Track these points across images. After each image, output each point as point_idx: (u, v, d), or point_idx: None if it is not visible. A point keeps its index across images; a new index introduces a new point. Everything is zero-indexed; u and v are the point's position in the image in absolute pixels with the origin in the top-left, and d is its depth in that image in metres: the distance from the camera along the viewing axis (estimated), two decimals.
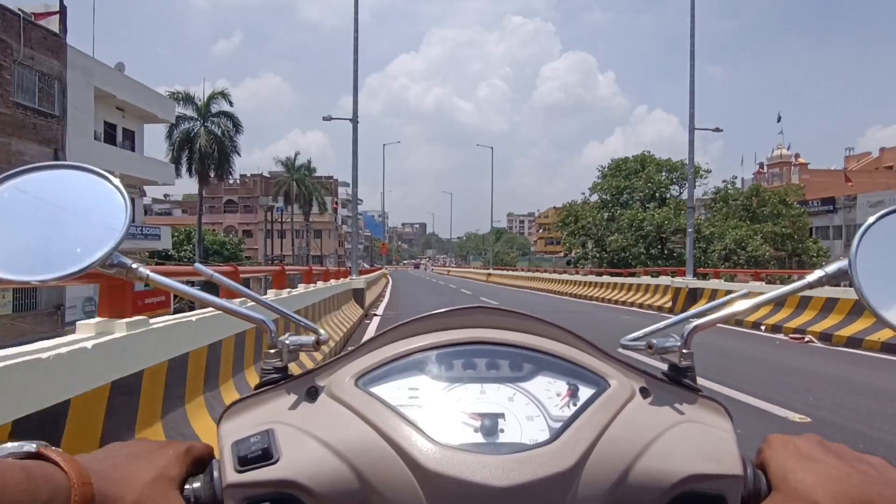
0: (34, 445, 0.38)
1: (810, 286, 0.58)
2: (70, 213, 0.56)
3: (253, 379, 3.63)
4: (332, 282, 9.98)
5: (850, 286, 0.54)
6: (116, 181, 0.58)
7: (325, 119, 17.17)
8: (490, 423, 0.51)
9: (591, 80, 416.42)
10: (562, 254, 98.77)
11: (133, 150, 24.03)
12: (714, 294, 12.57)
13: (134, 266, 0.58)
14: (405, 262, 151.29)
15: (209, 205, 70.27)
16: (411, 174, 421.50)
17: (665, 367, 0.60)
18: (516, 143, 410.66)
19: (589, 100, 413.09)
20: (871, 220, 0.55)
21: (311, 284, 7.92)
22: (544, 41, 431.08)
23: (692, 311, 0.61)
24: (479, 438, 0.50)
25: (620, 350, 0.62)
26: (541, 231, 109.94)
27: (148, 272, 0.58)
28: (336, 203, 73.90)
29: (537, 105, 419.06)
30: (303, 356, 0.74)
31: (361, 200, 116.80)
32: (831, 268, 0.56)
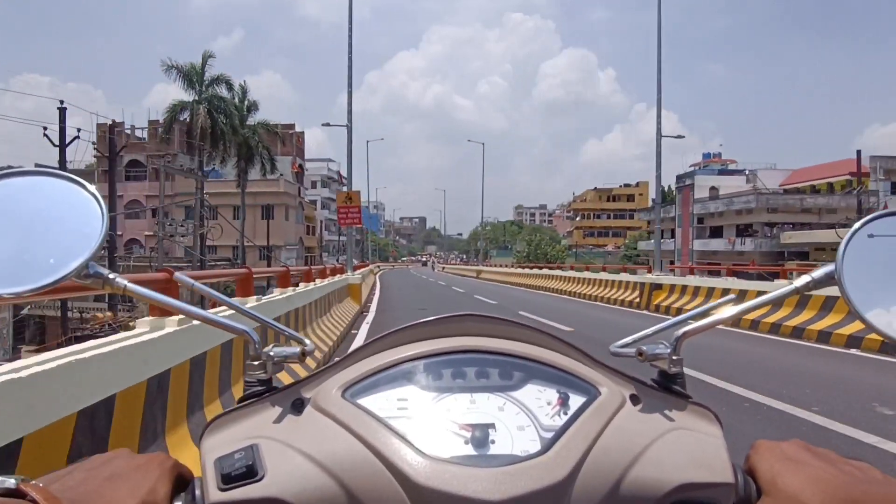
0: (14, 481, 0.37)
1: (797, 291, 0.58)
2: (43, 222, 0.54)
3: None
4: None
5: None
6: (92, 188, 0.56)
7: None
8: (480, 435, 0.50)
9: (592, 77, 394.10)
10: (617, 246, 75.28)
11: None
12: None
13: (111, 276, 0.56)
14: (404, 258, 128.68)
15: (102, 168, 46.84)
16: (410, 172, 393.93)
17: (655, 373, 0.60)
18: (515, 141, 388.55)
19: (589, 97, 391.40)
20: (857, 225, 0.55)
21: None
22: (544, 38, 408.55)
23: (681, 317, 0.61)
24: (469, 450, 0.49)
25: (611, 357, 0.61)
26: (578, 219, 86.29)
27: (125, 283, 0.57)
28: (298, 166, 50.07)
29: (536, 103, 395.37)
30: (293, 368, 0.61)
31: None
32: (818, 273, 0.56)
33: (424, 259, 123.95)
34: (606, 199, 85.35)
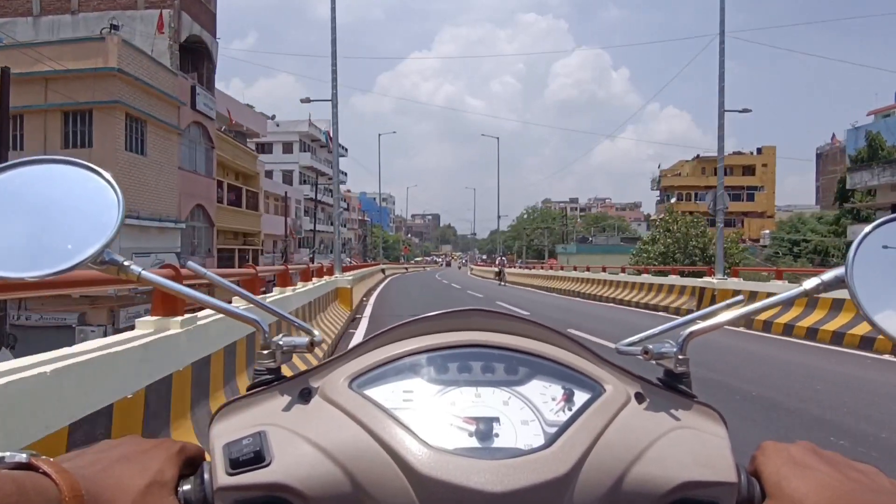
0: (25, 455, 0.37)
1: (806, 294, 0.58)
2: (60, 209, 0.55)
3: None
4: None
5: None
6: (108, 175, 0.57)
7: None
8: (485, 428, 0.50)
9: (605, 76, 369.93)
10: (742, 238, 50.13)
11: None
12: None
13: (126, 263, 0.57)
14: (418, 258, 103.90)
15: None
16: (421, 171, 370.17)
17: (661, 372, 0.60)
18: (527, 141, 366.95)
19: (602, 97, 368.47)
20: (867, 228, 0.56)
21: None
22: (557, 38, 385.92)
23: (688, 316, 0.61)
24: (473, 443, 0.49)
25: (617, 355, 0.61)
26: (674, 201, 60.16)
27: (140, 270, 0.58)
28: (176, 32, 24.24)
29: (548, 102, 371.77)
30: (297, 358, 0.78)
31: (345, 150, 69.32)
32: (828, 275, 0.56)
33: (442, 259, 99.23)
34: (713, 172, 59.45)
